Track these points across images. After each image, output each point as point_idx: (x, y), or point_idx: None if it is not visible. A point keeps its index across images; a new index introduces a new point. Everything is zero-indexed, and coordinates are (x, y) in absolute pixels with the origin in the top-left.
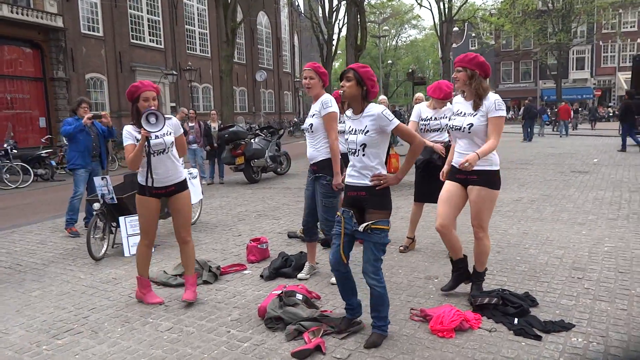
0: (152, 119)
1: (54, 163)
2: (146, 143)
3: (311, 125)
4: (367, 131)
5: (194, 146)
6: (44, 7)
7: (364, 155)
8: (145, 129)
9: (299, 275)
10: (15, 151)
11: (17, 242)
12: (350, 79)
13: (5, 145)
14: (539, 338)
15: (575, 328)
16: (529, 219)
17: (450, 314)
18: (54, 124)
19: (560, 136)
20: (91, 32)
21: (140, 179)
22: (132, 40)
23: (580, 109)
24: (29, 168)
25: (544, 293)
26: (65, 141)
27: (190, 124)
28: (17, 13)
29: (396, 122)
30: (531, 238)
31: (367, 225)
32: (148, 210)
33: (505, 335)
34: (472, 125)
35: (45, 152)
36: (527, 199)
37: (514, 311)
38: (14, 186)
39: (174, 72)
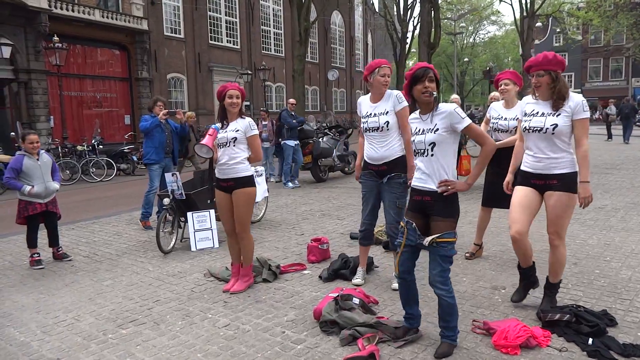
0: (204, 150)
1: (135, 158)
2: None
3: (387, 123)
4: (437, 129)
5: (266, 144)
6: (131, 12)
7: (432, 155)
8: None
9: (354, 281)
10: (101, 147)
11: (96, 232)
12: (432, 79)
13: (92, 141)
14: None
15: None
16: (612, 229)
17: (516, 329)
18: (137, 122)
19: None
20: (173, 35)
21: (215, 171)
22: (210, 42)
23: None
24: (113, 163)
25: (625, 312)
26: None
27: (263, 123)
28: (107, 18)
29: (468, 120)
30: (613, 250)
31: (433, 239)
32: (218, 201)
33: (577, 356)
34: (556, 126)
35: (128, 148)
36: (611, 206)
37: (589, 330)
38: (99, 179)
39: (249, 72)
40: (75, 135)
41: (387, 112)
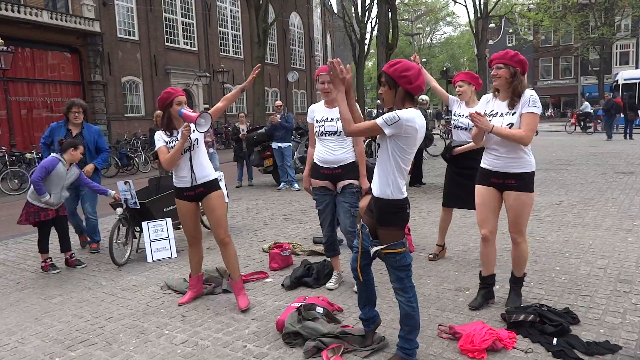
0: (202, 121)
1: None
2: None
3: None
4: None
5: (210, 150)
6: (82, 13)
7: (377, 156)
8: (195, 128)
9: (328, 286)
10: None
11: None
12: (384, 83)
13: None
14: None
15: (622, 351)
16: (570, 225)
17: (482, 332)
18: None
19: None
20: (127, 36)
21: (175, 182)
22: (166, 44)
23: None
24: None
25: (586, 309)
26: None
27: None
28: (56, 19)
29: (378, 120)
30: (572, 246)
31: (378, 250)
32: (183, 212)
33: (543, 357)
34: (512, 125)
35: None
36: (567, 202)
37: (553, 330)
38: None
39: (207, 74)
40: (24, 142)
41: None
